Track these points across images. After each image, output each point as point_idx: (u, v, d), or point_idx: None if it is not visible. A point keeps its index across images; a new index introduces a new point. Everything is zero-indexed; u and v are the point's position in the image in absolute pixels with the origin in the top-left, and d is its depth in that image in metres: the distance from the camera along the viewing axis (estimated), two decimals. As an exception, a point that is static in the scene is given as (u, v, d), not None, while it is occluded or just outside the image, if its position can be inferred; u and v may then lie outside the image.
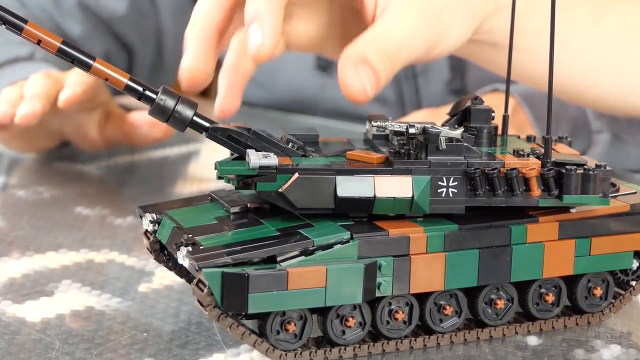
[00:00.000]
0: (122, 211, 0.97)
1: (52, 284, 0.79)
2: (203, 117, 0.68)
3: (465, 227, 0.67)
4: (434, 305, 0.68)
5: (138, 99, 0.67)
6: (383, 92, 1.27)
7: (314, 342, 0.66)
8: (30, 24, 0.65)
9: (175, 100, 0.67)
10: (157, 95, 0.67)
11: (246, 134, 0.67)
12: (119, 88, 0.67)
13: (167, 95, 0.67)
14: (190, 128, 0.68)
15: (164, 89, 0.67)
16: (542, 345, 0.70)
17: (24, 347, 0.68)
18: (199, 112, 0.68)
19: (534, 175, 0.67)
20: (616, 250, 0.71)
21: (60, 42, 0.66)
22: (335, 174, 0.65)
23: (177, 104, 0.67)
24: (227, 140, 0.67)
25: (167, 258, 0.73)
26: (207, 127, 0.67)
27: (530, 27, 0.83)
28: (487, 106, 0.72)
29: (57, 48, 0.66)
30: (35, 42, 0.65)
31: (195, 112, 0.67)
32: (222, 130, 0.67)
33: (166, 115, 0.67)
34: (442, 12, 0.75)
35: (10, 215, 0.94)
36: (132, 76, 0.67)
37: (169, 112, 0.67)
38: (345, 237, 0.64)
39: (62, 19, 1.23)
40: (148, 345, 0.68)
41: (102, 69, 0.66)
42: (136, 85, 0.67)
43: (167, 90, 0.67)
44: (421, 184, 0.66)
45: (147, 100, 0.67)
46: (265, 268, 0.62)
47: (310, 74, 1.29)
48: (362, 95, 0.69)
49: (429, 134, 0.66)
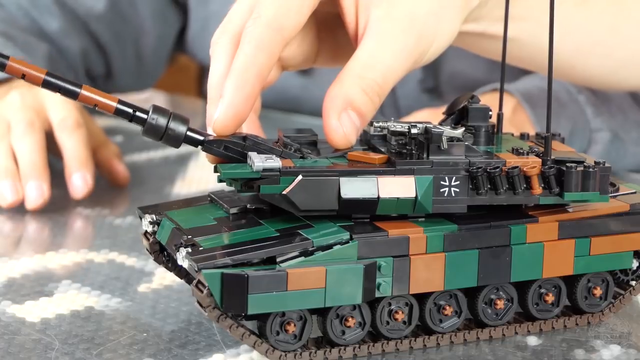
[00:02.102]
0: (122, 212, 0.97)
1: (52, 284, 0.79)
2: (197, 131, 0.68)
3: (465, 227, 0.67)
4: (433, 306, 0.68)
5: (129, 121, 0.67)
6: None
7: (313, 342, 0.66)
8: (13, 59, 0.65)
9: (167, 117, 0.67)
10: (148, 114, 0.67)
11: (242, 142, 0.67)
12: (109, 112, 0.67)
13: (158, 113, 0.67)
14: (185, 144, 0.68)
15: (154, 107, 0.67)
16: (542, 345, 0.70)
17: (24, 347, 0.68)
18: (191, 126, 0.68)
19: (535, 174, 0.67)
20: (616, 250, 0.71)
21: (44, 74, 0.65)
22: (338, 175, 0.65)
23: (170, 121, 0.67)
24: (223, 152, 0.67)
25: (166, 259, 0.73)
26: (201, 140, 0.67)
27: (516, 12, 0.83)
28: (485, 105, 0.72)
29: (42, 80, 0.65)
30: (20, 76, 0.65)
31: (188, 127, 0.67)
32: (218, 142, 0.67)
33: (159, 134, 0.67)
34: (427, 22, 0.73)
35: (10, 215, 0.94)
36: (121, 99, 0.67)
37: (162, 131, 0.67)
38: (344, 238, 0.64)
39: (39, 15, 1.23)
40: (148, 345, 0.68)
41: (89, 95, 0.66)
42: (126, 108, 0.67)
43: (157, 108, 0.67)
44: (424, 183, 0.66)
45: (138, 121, 0.67)
46: (264, 269, 0.62)
47: (292, 75, 1.30)
48: (345, 143, 0.69)
49: (432, 133, 0.66)
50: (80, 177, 0.97)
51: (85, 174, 0.97)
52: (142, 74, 1.36)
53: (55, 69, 1.21)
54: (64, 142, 0.99)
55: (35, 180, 0.95)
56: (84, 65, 1.28)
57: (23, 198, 0.94)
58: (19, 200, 0.94)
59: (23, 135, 0.97)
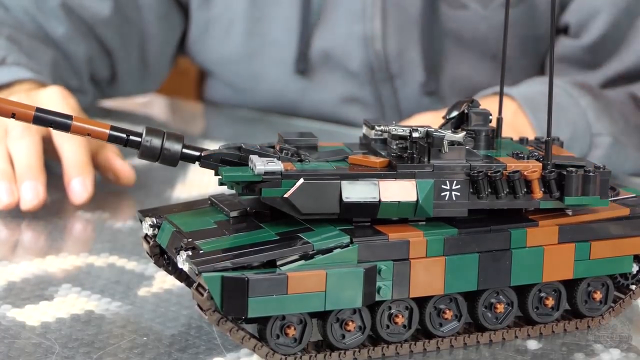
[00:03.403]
0: (122, 215, 0.97)
1: (52, 288, 0.79)
2: (192, 147, 0.68)
3: (465, 231, 0.67)
4: (433, 309, 0.68)
5: (124, 145, 0.67)
6: (362, 95, 1.28)
7: (313, 346, 0.66)
8: (1, 99, 0.65)
9: (161, 137, 0.67)
10: (141, 137, 0.67)
11: (238, 153, 0.67)
12: (102, 140, 0.67)
13: (152, 135, 0.67)
14: (182, 161, 0.68)
15: (147, 129, 0.67)
16: (542, 349, 0.70)
17: (24, 351, 0.68)
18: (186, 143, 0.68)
19: (536, 178, 0.67)
20: (616, 254, 0.71)
21: (34, 111, 0.66)
22: (340, 178, 0.65)
23: (164, 141, 0.67)
24: (221, 164, 0.67)
25: (167, 262, 0.73)
26: (198, 156, 0.68)
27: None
28: (485, 109, 0.72)
29: (32, 117, 0.66)
30: (10, 116, 0.66)
31: (183, 144, 0.68)
32: (214, 156, 0.67)
33: (156, 155, 0.67)
34: None
35: (10, 219, 0.94)
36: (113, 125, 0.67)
37: (157, 152, 0.67)
38: (345, 242, 0.64)
39: (45, 20, 1.23)
40: (148, 349, 0.68)
41: (81, 125, 0.67)
42: (119, 134, 0.67)
43: (150, 130, 0.67)
44: (425, 187, 0.66)
45: (133, 145, 0.67)
46: (265, 272, 0.62)
47: (290, 78, 1.30)
48: None
49: (434, 137, 0.66)
50: (79, 182, 0.97)
51: (85, 179, 0.97)
52: (147, 78, 1.36)
53: (60, 74, 1.21)
54: (63, 146, 0.99)
55: (31, 181, 0.94)
56: (88, 70, 1.28)
57: (19, 200, 0.94)
58: (15, 202, 0.94)
59: (19, 138, 0.97)
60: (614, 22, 1.19)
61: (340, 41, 1.27)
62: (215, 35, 1.33)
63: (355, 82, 1.28)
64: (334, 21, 1.27)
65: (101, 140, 0.67)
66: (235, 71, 1.34)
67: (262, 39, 1.31)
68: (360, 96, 1.29)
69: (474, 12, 1.23)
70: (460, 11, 1.24)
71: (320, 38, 1.27)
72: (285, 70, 1.31)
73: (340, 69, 1.28)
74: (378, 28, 1.24)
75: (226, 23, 1.32)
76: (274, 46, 1.30)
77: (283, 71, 1.31)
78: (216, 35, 1.33)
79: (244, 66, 1.33)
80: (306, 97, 1.31)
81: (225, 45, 1.33)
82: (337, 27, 1.27)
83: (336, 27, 1.27)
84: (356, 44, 1.26)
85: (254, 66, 1.33)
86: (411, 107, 1.25)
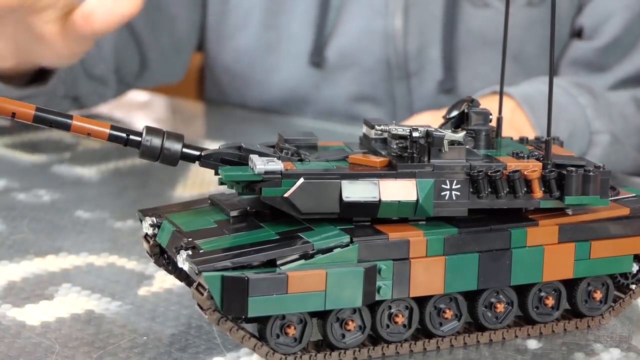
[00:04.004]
0: (122, 214, 0.97)
1: (52, 287, 0.79)
2: (192, 146, 0.68)
3: (465, 230, 0.67)
4: (433, 309, 0.68)
5: (124, 145, 0.67)
6: (375, 93, 1.28)
7: (313, 345, 0.66)
8: (1, 99, 0.65)
9: (161, 137, 0.67)
10: (141, 137, 0.67)
11: (238, 152, 0.67)
12: (103, 140, 0.67)
13: (152, 134, 0.67)
14: (182, 160, 0.68)
15: (147, 128, 0.68)
16: (542, 348, 0.70)
17: (24, 351, 0.68)
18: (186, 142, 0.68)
19: (536, 177, 0.67)
20: (616, 253, 0.71)
21: (34, 110, 0.66)
22: (340, 178, 0.65)
23: (164, 141, 0.67)
24: (221, 164, 0.67)
25: (167, 262, 0.73)
26: (198, 155, 0.68)
27: None
28: (485, 109, 0.72)
29: (32, 116, 0.66)
30: (10, 115, 0.65)
31: (183, 143, 0.68)
32: (214, 155, 0.67)
33: (156, 155, 0.67)
34: None
35: (10, 219, 0.94)
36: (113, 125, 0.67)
37: (158, 151, 0.67)
38: (345, 241, 0.64)
39: None
40: (148, 349, 0.68)
41: (82, 125, 0.67)
42: (119, 133, 0.67)
43: (150, 129, 0.68)
44: (425, 187, 0.66)
45: (133, 144, 0.67)
46: (265, 272, 0.62)
47: (304, 72, 1.29)
48: None
49: (434, 137, 0.66)
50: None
51: None
52: (177, 63, 1.35)
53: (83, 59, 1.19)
54: None
55: None
56: (115, 61, 1.26)
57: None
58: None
59: None
60: (627, 25, 1.19)
61: (359, 37, 1.26)
62: (232, 25, 1.32)
63: (370, 79, 1.27)
64: (353, 16, 1.26)
65: (102, 139, 0.67)
66: (250, 63, 1.33)
67: (279, 32, 1.30)
68: (373, 94, 1.28)
69: (496, 11, 1.23)
70: (483, 10, 1.23)
71: (338, 33, 1.26)
72: (300, 64, 1.30)
73: (356, 65, 1.27)
74: (400, 25, 1.24)
75: (243, 14, 1.31)
76: (290, 40, 1.30)
77: (298, 65, 1.30)
78: (233, 25, 1.32)
79: (259, 58, 1.32)
80: (318, 93, 1.31)
81: (242, 36, 1.32)
82: (357, 22, 1.26)
83: (355, 23, 1.26)
84: (375, 40, 1.25)
85: (270, 59, 1.32)
86: (424, 106, 1.24)
